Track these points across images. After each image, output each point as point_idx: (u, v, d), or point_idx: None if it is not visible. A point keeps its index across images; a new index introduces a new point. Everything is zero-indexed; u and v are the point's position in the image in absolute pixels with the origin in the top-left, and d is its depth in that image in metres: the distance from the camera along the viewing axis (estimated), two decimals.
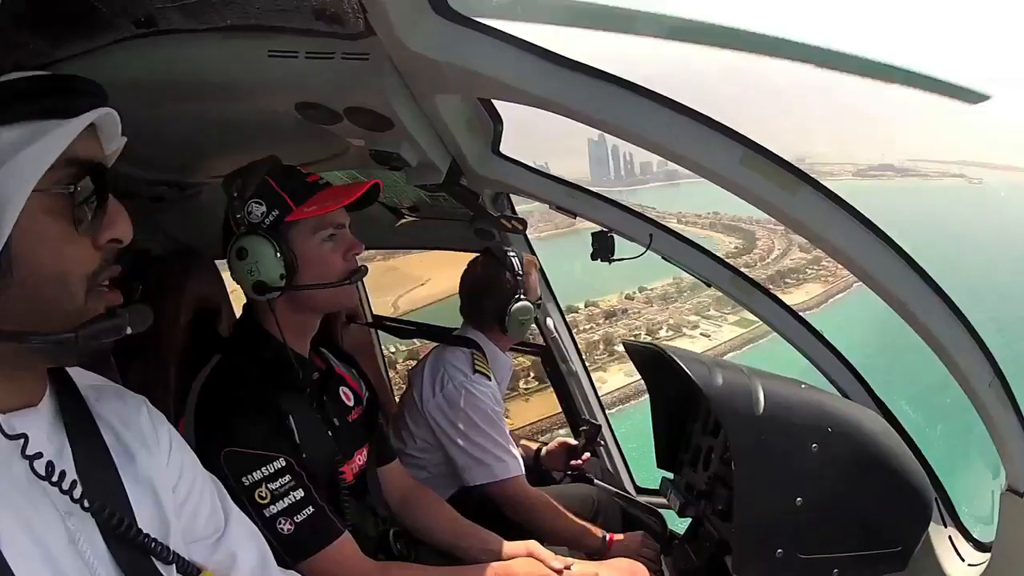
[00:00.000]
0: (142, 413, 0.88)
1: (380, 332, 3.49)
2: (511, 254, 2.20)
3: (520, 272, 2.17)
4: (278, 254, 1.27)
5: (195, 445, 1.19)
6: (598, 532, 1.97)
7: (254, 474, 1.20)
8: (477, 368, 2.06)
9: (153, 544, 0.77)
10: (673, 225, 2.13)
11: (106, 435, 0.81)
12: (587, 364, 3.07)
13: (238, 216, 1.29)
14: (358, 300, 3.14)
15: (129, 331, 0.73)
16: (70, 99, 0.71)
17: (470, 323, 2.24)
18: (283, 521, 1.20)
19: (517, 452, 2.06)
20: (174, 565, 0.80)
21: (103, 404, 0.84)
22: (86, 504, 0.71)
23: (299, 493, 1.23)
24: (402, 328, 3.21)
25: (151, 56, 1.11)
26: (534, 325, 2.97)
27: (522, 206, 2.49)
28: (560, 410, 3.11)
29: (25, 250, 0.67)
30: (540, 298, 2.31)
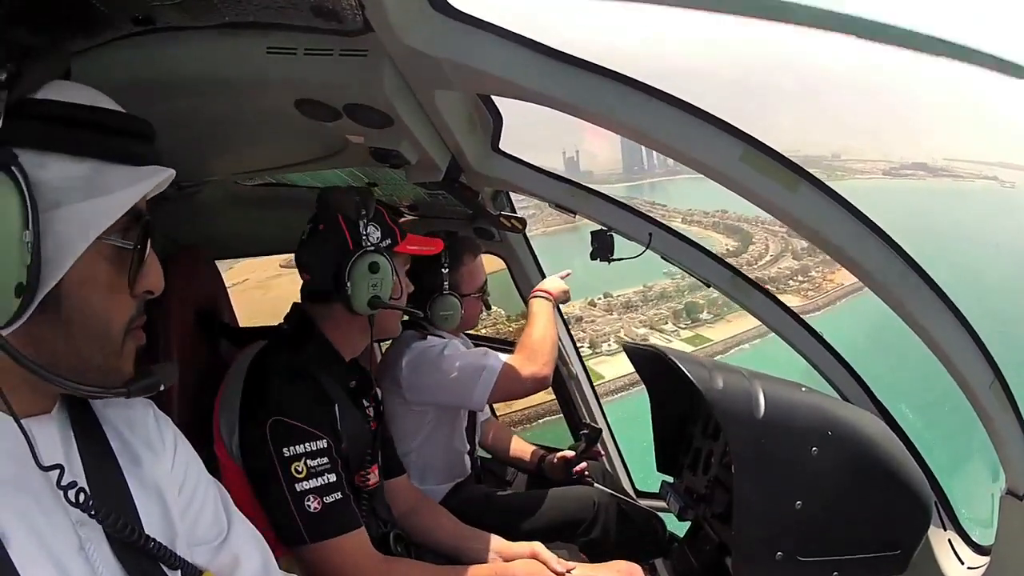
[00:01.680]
0: (148, 417, 0.89)
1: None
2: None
3: (446, 264, 2.15)
4: (394, 277, 1.44)
5: (239, 415, 1.30)
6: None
7: (296, 447, 1.25)
8: (427, 336, 2.08)
9: (160, 550, 0.77)
10: (677, 223, 2.12)
11: (113, 441, 0.81)
12: None
13: (360, 232, 1.42)
14: None
15: (162, 388, 0.77)
16: (133, 143, 0.74)
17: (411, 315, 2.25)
18: (312, 498, 1.25)
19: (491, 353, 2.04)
20: (179, 570, 0.81)
21: (110, 409, 0.85)
22: (93, 512, 0.71)
23: (332, 477, 1.28)
24: None
25: (149, 54, 1.10)
26: None
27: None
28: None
29: (75, 291, 0.69)
30: (483, 289, 2.28)
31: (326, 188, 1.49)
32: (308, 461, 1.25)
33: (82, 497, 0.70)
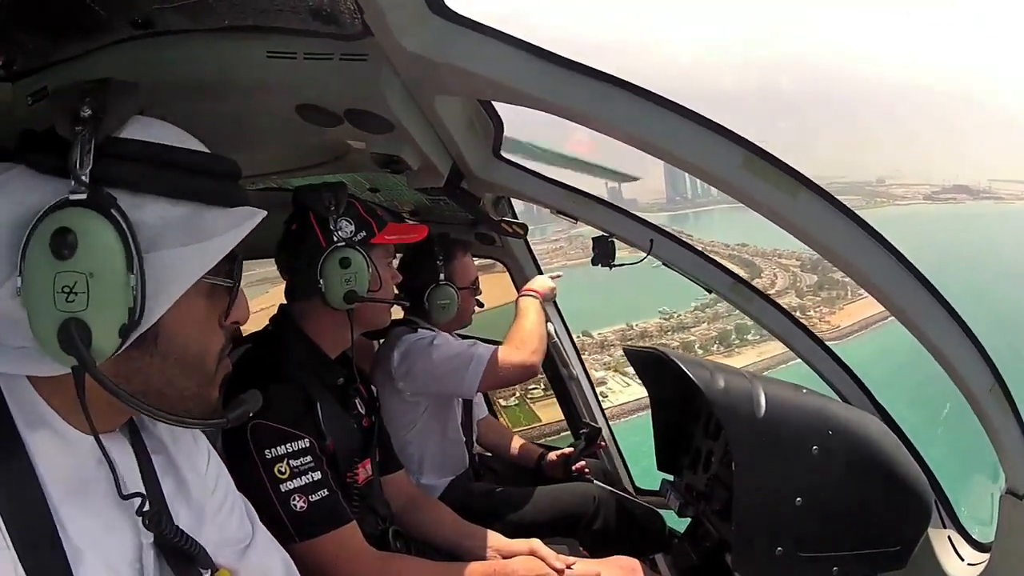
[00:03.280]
0: (186, 430, 0.92)
1: None
2: (435, 237, 2.22)
3: (441, 257, 2.20)
4: (370, 270, 1.41)
5: None
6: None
7: (278, 448, 1.25)
8: (417, 330, 2.11)
9: (199, 551, 0.80)
10: None
11: (155, 452, 0.83)
12: None
13: (330, 228, 1.41)
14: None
15: (250, 414, 0.79)
16: (228, 185, 0.75)
17: (405, 311, 2.28)
18: (297, 498, 1.25)
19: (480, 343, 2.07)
20: (209, 570, 0.84)
21: (156, 424, 0.86)
22: (166, 531, 0.74)
23: (317, 475, 1.28)
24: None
25: (150, 58, 1.10)
26: None
27: (576, 229, 2.51)
28: None
29: (173, 326, 0.70)
30: (475, 284, 2.32)
31: (299, 187, 1.47)
32: (291, 461, 1.26)
33: (158, 520, 0.72)
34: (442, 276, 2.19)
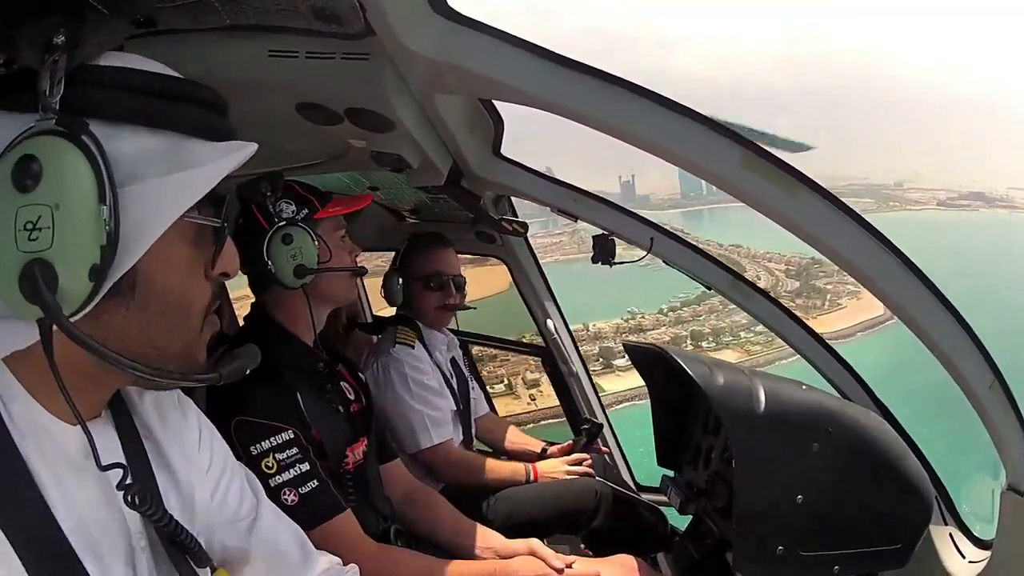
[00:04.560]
0: (174, 401, 0.86)
1: None
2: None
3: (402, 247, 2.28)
4: (315, 242, 1.40)
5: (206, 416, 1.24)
6: (521, 468, 2.20)
7: (263, 443, 1.25)
8: (398, 340, 2.15)
9: (195, 544, 0.75)
10: None
11: (146, 440, 0.78)
12: None
13: (271, 212, 1.40)
14: (358, 298, 3.18)
15: (247, 371, 0.73)
16: (213, 116, 0.68)
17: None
18: (288, 492, 1.25)
19: (445, 416, 2.15)
20: (207, 568, 0.79)
21: (143, 402, 0.80)
22: (151, 513, 0.68)
23: (305, 466, 1.28)
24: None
25: (150, 56, 1.10)
26: (535, 327, 3.01)
27: (579, 224, 2.52)
28: None
29: (153, 273, 0.64)
30: (438, 281, 2.32)
31: (237, 184, 1.45)
32: (276, 455, 1.26)
33: (139, 499, 0.66)
34: (397, 264, 2.27)
